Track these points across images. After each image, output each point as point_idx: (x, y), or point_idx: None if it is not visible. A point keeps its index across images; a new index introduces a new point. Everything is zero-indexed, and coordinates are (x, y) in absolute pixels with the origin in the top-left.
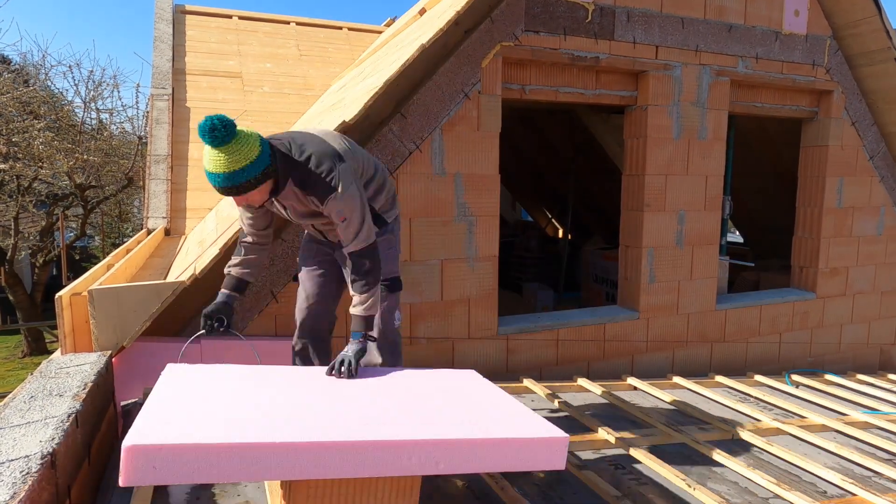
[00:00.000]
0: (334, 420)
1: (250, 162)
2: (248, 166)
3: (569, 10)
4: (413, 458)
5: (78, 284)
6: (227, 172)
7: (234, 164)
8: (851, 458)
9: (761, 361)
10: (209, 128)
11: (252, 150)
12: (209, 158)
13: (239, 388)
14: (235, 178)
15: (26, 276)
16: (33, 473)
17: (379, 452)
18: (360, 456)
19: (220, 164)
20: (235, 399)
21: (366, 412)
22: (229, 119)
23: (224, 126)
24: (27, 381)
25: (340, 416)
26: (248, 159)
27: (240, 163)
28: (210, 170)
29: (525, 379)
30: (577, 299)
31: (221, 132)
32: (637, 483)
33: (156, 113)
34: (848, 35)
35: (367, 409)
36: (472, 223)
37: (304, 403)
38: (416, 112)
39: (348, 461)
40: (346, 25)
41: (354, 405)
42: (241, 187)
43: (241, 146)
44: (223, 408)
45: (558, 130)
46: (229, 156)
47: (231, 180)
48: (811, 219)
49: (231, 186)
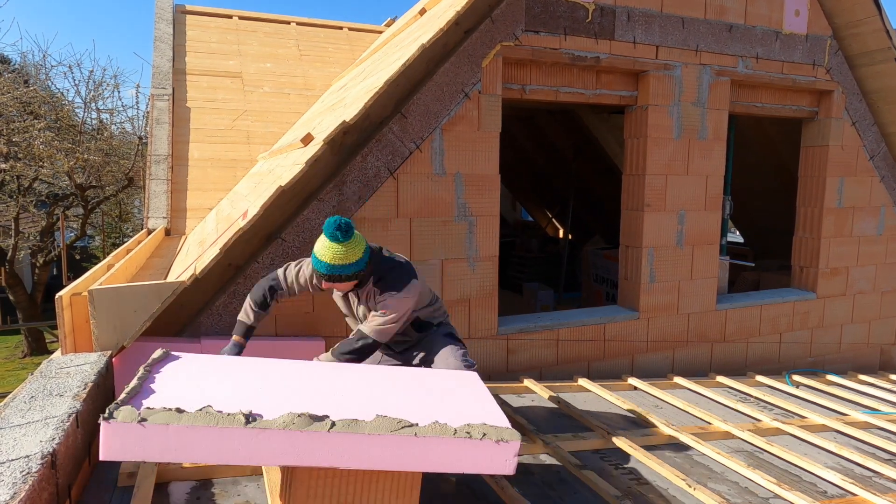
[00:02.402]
0: (293, 408)
1: (353, 262)
2: (350, 265)
3: (569, 9)
4: (347, 452)
5: (78, 284)
6: (333, 264)
7: (341, 260)
8: (852, 458)
9: (761, 361)
10: (335, 226)
11: (357, 253)
12: (324, 249)
13: (223, 376)
14: (337, 271)
15: (27, 276)
16: (33, 473)
17: (314, 443)
18: (296, 445)
19: (332, 257)
20: (216, 385)
21: (323, 403)
22: (351, 223)
23: (346, 230)
24: (27, 381)
25: (302, 405)
26: (352, 260)
27: (346, 260)
28: (322, 258)
29: (525, 379)
30: (577, 299)
31: (342, 234)
32: (637, 483)
33: (156, 113)
34: (848, 35)
35: (326, 401)
36: (473, 223)
37: (279, 393)
38: (416, 112)
39: (290, 450)
40: (346, 25)
41: (321, 396)
42: (338, 278)
43: (351, 248)
44: (202, 392)
45: (558, 130)
46: (340, 253)
47: (334, 270)
48: (811, 219)
49: (332, 275)
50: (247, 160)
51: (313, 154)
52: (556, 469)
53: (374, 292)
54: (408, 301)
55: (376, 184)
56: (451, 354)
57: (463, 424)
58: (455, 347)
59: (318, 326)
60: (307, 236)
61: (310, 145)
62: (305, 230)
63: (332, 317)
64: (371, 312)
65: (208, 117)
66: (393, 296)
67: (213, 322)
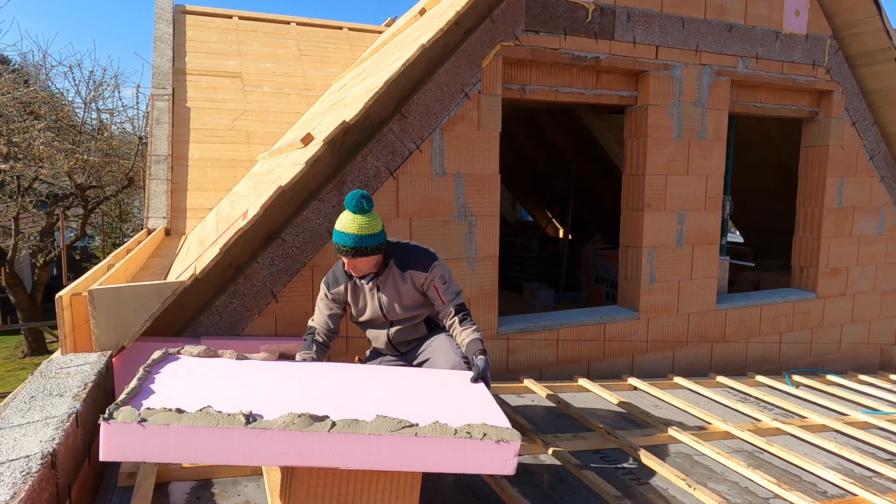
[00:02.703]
0: (293, 409)
1: (375, 233)
2: (373, 235)
3: (569, 9)
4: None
5: (78, 284)
6: (358, 234)
7: (367, 230)
8: (852, 458)
9: (761, 361)
10: (359, 197)
11: (378, 225)
12: (349, 221)
13: (223, 377)
14: (363, 241)
15: (27, 277)
16: (33, 473)
17: (315, 444)
18: (298, 445)
19: (358, 228)
20: (216, 386)
21: (323, 404)
22: (370, 196)
23: (367, 200)
24: (27, 381)
25: (302, 405)
26: (375, 230)
27: (371, 230)
28: (345, 230)
29: (525, 379)
30: (577, 299)
31: (365, 203)
32: (637, 483)
33: (156, 113)
34: (848, 35)
35: (327, 402)
36: (473, 223)
37: (279, 394)
38: (416, 112)
39: (290, 450)
40: (346, 25)
41: (321, 397)
42: (363, 250)
43: (373, 220)
44: (202, 393)
45: (558, 130)
46: (365, 223)
47: (361, 242)
48: (811, 219)
49: (357, 247)
50: (247, 160)
51: (313, 154)
52: (556, 469)
53: (409, 276)
54: (445, 266)
55: (376, 184)
56: (452, 351)
57: (463, 424)
58: (457, 345)
59: None
60: (307, 236)
61: (310, 145)
62: (305, 230)
63: None
64: (440, 291)
65: (208, 117)
66: (437, 265)
67: (213, 322)
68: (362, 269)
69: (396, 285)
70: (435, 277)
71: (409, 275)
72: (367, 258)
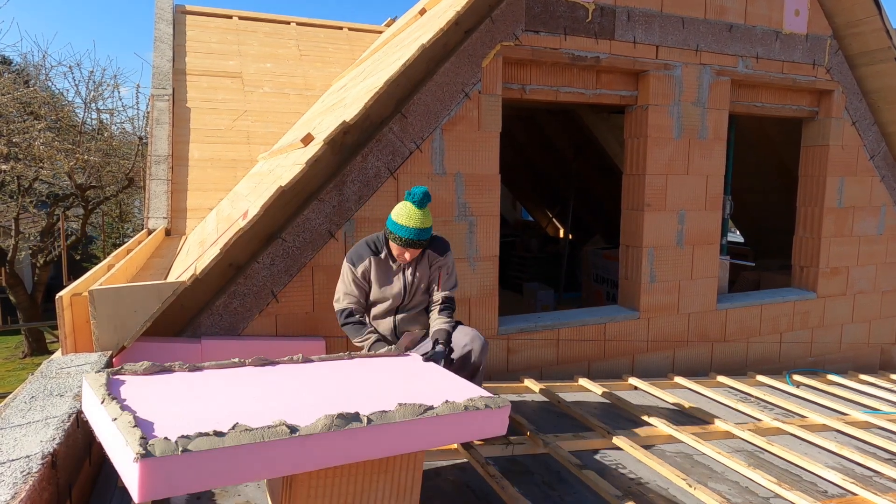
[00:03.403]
0: (311, 409)
1: (429, 227)
2: (429, 230)
3: (569, 9)
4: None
5: (79, 285)
6: (420, 228)
7: (426, 224)
8: (852, 457)
9: (762, 361)
10: (423, 195)
11: (431, 220)
12: (412, 214)
13: (194, 393)
14: (423, 234)
15: (27, 277)
16: (34, 473)
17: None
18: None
19: (419, 222)
20: (206, 402)
21: (326, 404)
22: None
23: (429, 197)
24: (28, 382)
25: (317, 408)
26: (429, 225)
27: (428, 224)
28: (408, 224)
29: (526, 379)
30: (577, 299)
31: (427, 200)
32: (637, 483)
33: (156, 113)
34: (848, 35)
35: (329, 403)
36: (473, 223)
37: (277, 401)
38: (416, 112)
39: (331, 452)
40: (346, 25)
41: (318, 399)
42: (420, 243)
43: (428, 216)
44: (206, 410)
45: (559, 130)
46: (424, 218)
47: (421, 235)
48: (812, 218)
49: (416, 239)
50: (247, 160)
51: (313, 154)
52: (557, 469)
53: (426, 256)
54: (454, 264)
55: (377, 184)
56: (467, 326)
57: (464, 399)
58: (467, 327)
59: (318, 326)
60: (307, 236)
61: (310, 145)
62: (306, 230)
63: (332, 317)
64: (441, 277)
65: (208, 117)
66: (450, 254)
67: (213, 322)
68: (412, 255)
69: (419, 266)
70: (446, 263)
71: (427, 254)
72: (419, 249)
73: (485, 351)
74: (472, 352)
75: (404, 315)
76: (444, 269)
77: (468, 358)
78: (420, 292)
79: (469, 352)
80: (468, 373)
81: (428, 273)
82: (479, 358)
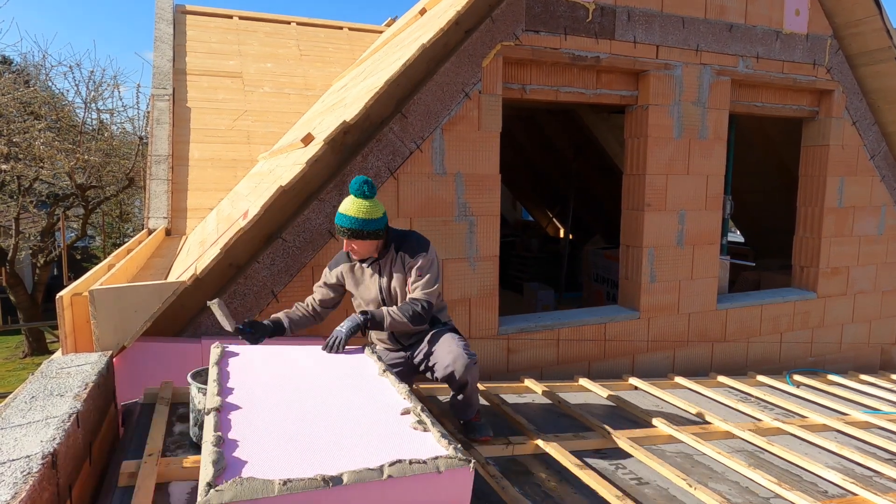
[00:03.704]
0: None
1: (374, 218)
2: (373, 220)
3: (569, 9)
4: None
5: (79, 284)
6: (360, 218)
7: (366, 214)
8: (852, 457)
9: (762, 361)
10: (362, 182)
11: (380, 211)
12: (350, 205)
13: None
14: (362, 225)
15: (27, 277)
16: (34, 473)
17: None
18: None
19: (357, 211)
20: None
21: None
22: (373, 183)
23: (370, 186)
24: (28, 381)
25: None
26: (376, 216)
27: (371, 215)
28: (346, 213)
29: (526, 379)
30: (577, 299)
31: (367, 189)
32: (638, 483)
33: (156, 113)
34: (849, 34)
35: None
36: (473, 223)
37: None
38: (416, 112)
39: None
40: (346, 25)
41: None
42: (360, 233)
43: (374, 205)
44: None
45: (559, 130)
46: (365, 207)
47: (359, 225)
48: (812, 218)
49: (355, 229)
50: (247, 160)
51: (314, 154)
52: (557, 469)
53: (399, 258)
54: (436, 260)
55: (377, 183)
56: (454, 341)
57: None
58: (459, 337)
59: (318, 327)
60: (308, 236)
61: (310, 145)
62: (306, 230)
63: (331, 317)
64: (409, 280)
65: (209, 117)
66: (423, 255)
67: (213, 322)
68: (360, 251)
69: (395, 270)
70: (415, 265)
71: (399, 257)
72: (364, 241)
73: (470, 369)
74: (455, 372)
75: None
76: (415, 270)
77: (452, 377)
78: (401, 296)
79: (452, 372)
80: (455, 390)
81: (403, 276)
82: (463, 376)
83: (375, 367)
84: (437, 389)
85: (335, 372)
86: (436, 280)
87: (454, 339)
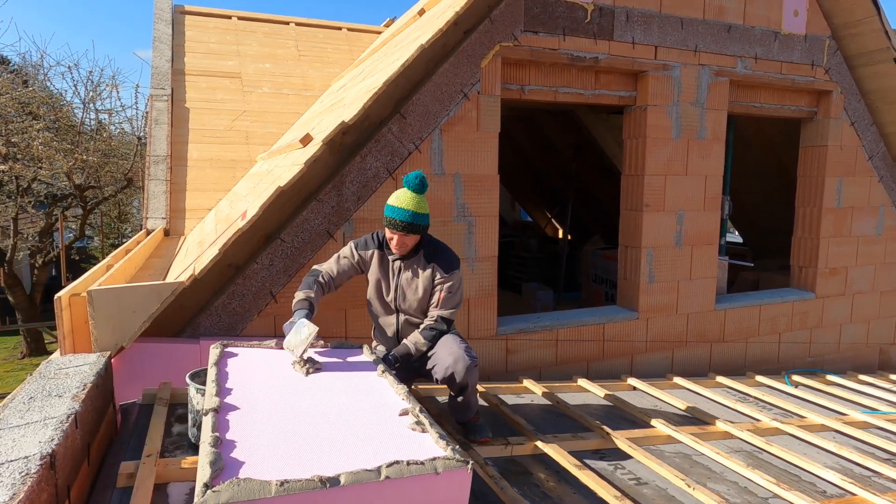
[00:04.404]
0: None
1: (425, 213)
2: (424, 215)
3: (568, 10)
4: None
5: (77, 285)
6: (416, 212)
7: (419, 209)
8: (851, 457)
9: (761, 361)
10: (419, 178)
11: (428, 207)
12: (406, 198)
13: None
14: (416, 219)
15: (25, 277)
16: (32, 474)
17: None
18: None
19: (413, 205)
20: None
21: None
22: (426, 180)
23: (425, 183)
24: (26, 382)
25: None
26: (426, 211)
27: (422, 210)
28: (402, 206)
29: (524, 379)
30: (576, 299)
31: (424, 186)
32: (637, 483)
33: (155, 113)
34: (847, 35)
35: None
36: (472, 223)
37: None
38: (415, 112)
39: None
40: (345, 26)
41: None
42: (414, 227)
43: (425, 202)
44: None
45: (558, 130)
46: (420, 202)
47: (414, 218)
48: (810, 219)
49: (410, 223)
50: (246, 161)
51: (312, 154)
52: (556, 469)
53: (431, 268)
54: (461, 282)
55: (375, 184)
56: (456, 343)
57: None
58: (460, 339)
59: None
60: (306, 237)
61: (309, 146)
62: (304, 230)
63: (331, 317)
64: (437, 295)
65: (207, 118)
66: (456, 274)
67: (212, 322)
68: (407, 245)
69: (417, 273)
70: (447, 282)
71: (431, 267)
72: (413, 236)
73: (470, 371)
74: (455, 374)
75: (406, 318)
76: (446, 288)
77: (452, 379)
78: (414, 298)
79: (452, 374)
80: (454, 392)
81: (429, 285)
82: (464, 379)
83: (375, 367)
84: (436, 390)
85: (334, 372)
86: (461, 300)
87: (455, 341)
